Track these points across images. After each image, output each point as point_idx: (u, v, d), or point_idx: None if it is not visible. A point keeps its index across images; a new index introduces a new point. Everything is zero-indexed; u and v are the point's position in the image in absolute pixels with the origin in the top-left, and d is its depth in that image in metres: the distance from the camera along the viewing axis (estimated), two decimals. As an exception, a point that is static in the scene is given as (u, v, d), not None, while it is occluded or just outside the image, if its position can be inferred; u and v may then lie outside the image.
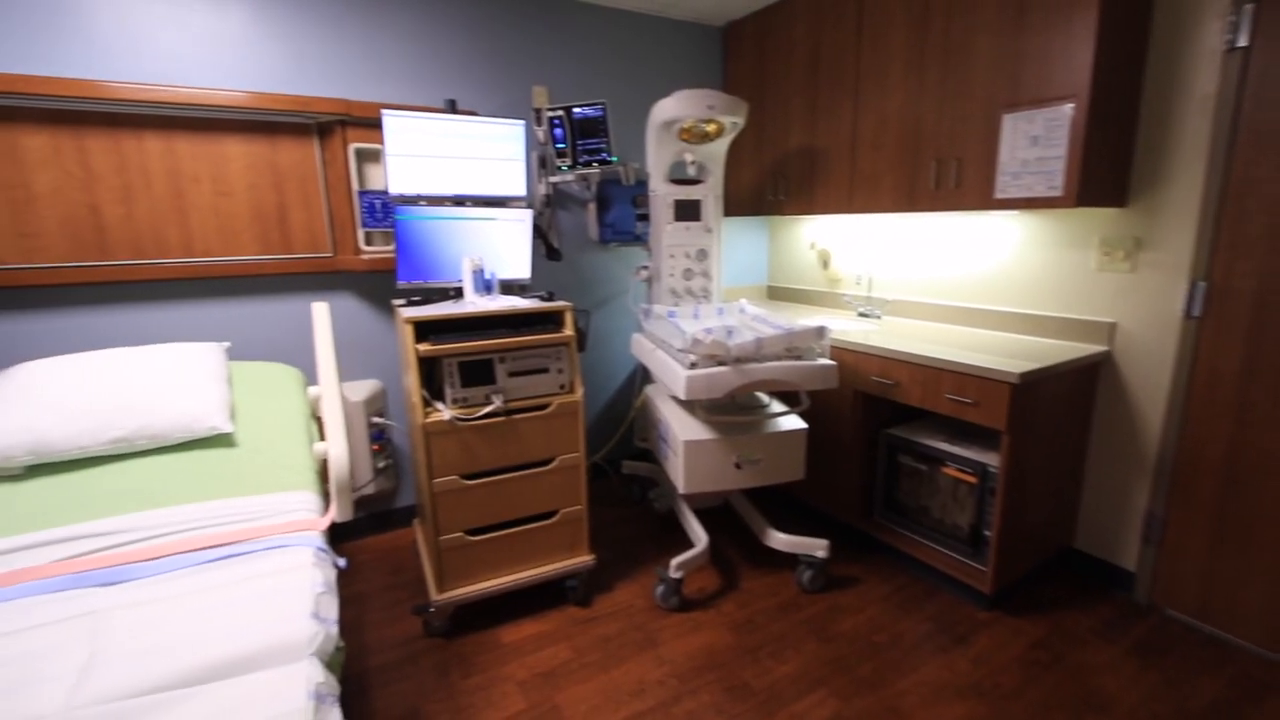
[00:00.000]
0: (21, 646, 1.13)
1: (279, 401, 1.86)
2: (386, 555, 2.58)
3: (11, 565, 1.30)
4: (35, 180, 2.00)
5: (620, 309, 3.22)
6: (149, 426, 1.57)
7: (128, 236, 2.14)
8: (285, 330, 2.46)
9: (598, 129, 2.66)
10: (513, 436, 2.01)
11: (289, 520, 1.52)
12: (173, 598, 1.26)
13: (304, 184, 2.39)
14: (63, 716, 0.99)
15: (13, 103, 1.93)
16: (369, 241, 2.50)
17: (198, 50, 2.18)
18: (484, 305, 2.09)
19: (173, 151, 2.17)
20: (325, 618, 1.25)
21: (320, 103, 2.31)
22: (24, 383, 1.59)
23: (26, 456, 1.46)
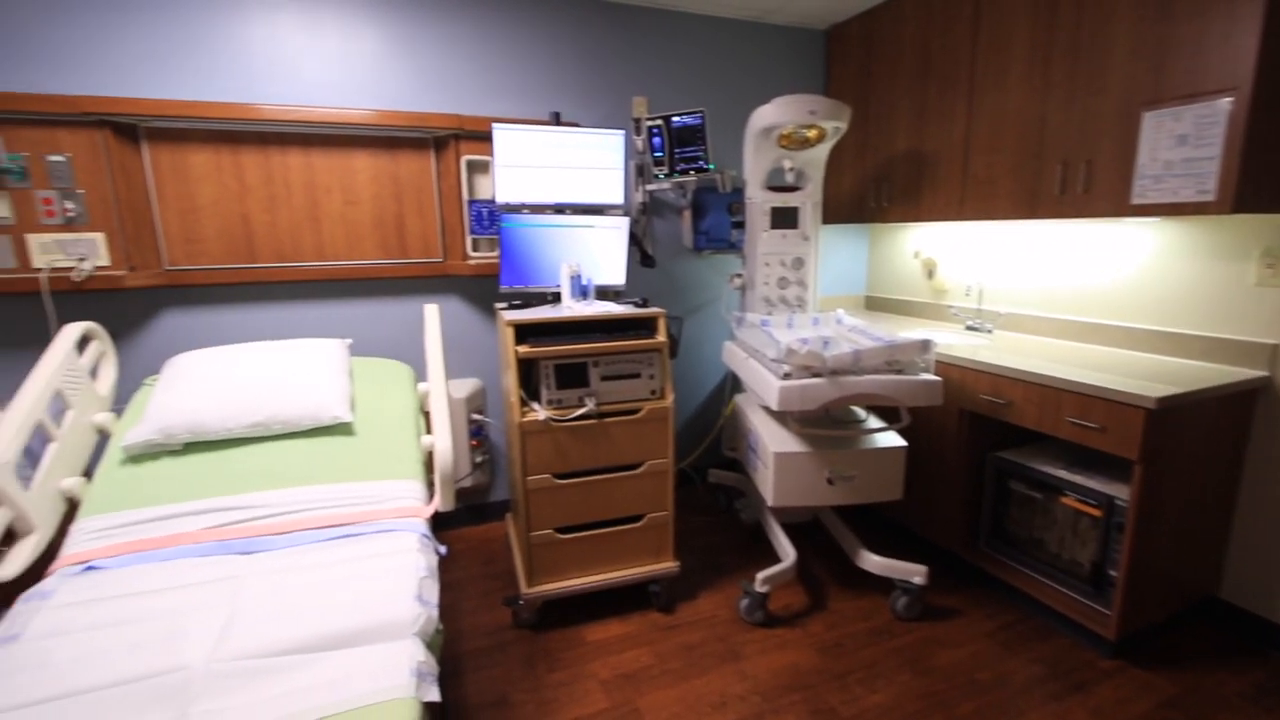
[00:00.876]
0: (175, 601, 1.28)
1: (392, 396, 2.00)
2: (480, 546, 2.70)
3: (170, 529, 1.48)
4: (199, 193, 2.28)
5: (712, 316, 3.20)
6: (282, 413, 1.74)
7: (271, 242, 2.39)
8: (398, 329, 2.65)
9: (695, 137, 2.67)
10: (604, 439, 2.06)
11: (397, 506, 1.63)
12: (297, 570, 1.38)
13: (420, 194, 2.56)
14: (206, 667, 1.12)
15: (184, 125, 2.22)
16: (475, 247, 2.64)
17: (332, 73, 2.40)
18: (580, 310, 2.15)
19: (310, 165, 2.40)
20: (427, 601, 1.33)
21: (437, 118, 2.47)
22: (185, 371, 1.81)
23: (186, 435, 1.66)
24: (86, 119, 2.06)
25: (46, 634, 1.19)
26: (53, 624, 1.21)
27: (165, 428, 1.65)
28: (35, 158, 2.04)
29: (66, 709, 1.03)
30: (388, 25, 2.44)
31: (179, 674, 1.10)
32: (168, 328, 2.34)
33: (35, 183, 2.05)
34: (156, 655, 1.14)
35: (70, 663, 1.12)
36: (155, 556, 1.41)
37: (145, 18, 2.15)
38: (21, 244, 2.06)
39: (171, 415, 1.67)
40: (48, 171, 2.06)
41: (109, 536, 1.46)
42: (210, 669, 1.11)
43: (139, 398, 1.84)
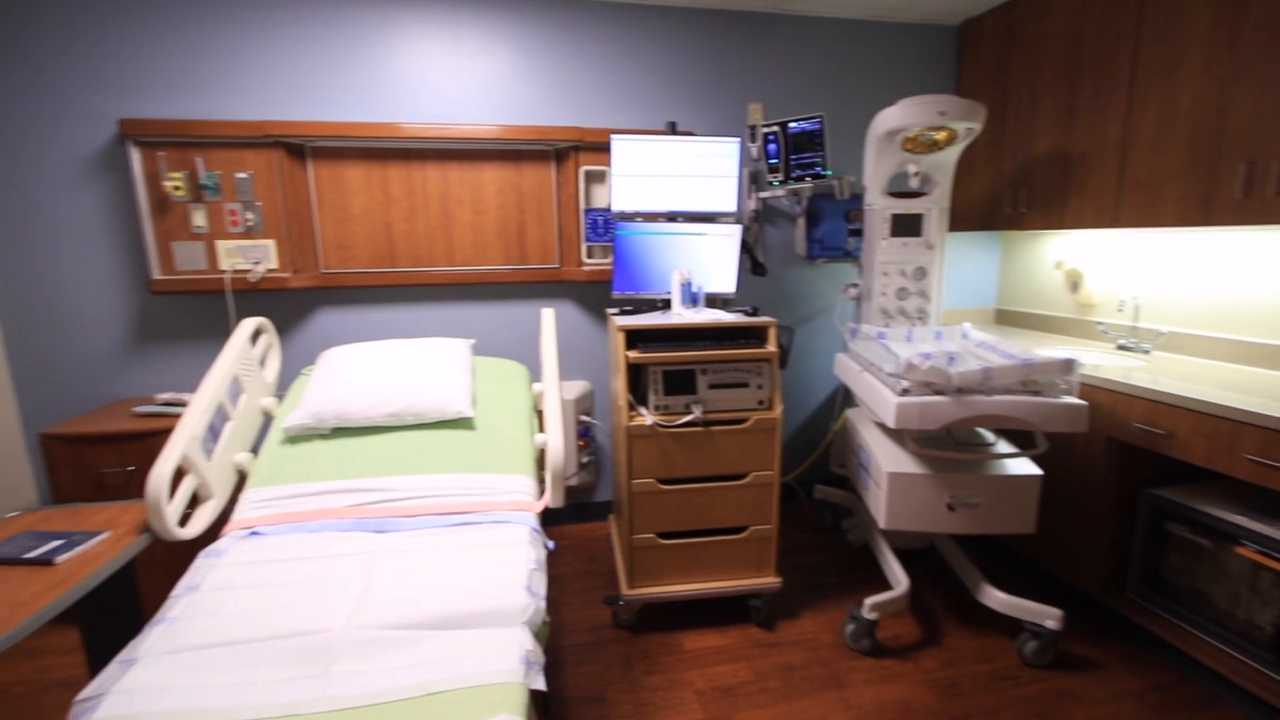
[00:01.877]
0: (320, 569, 1.43)
1: (509, 394, 2.11)
2: (583, 544, 2.78)
3: (319, 505, 1.66)
4: (352, 204, 2.54)
5: (824, 327, 3.10)
6: (414, 406, 1.89)
7: (409, 248, 2.61)
8: (516, 331, 2.80)
9: (813, 143, 2.60)
10: (709, 447, 2.05)
11: (511, 500, 1.72)
12: (422, 551, 1.49)
13: (540, 203, 2.69)
14: (343, 632, 1.23)
15: (342, 144, 2.48)
16: (590, 254, 2.73)
17: (468, 92, 2.59)
18: (690, 317, 2.16)
19: (445, 178, 2.59)
20: (536, 592, 1.39)
21: (559, 131, 2.59)
22: (334, 364, 2.02)
23: (334, 421, 1.85)
24: (266, 140, 2.37)
25: (219, 587, 1.37)
26: (225, 579, 1.39)
27: (317, 413, 1.85)
28: (226, 175, 2.37)
29: (235, 654, 1.18)
30: (520, 43, 2.60)
31: (322, 635, 1.22)
32: (321, 324, 2.63)
33: (225, 196, 2.38)
34: (304, 616, 1.27)
35: (237, 614, 1.28)
36: (306, 528, 1.58)
37: (311, 49, 2.44)
38: (212, 249, 2.40)
39: (322, 403, 1.86)
40: (234, 187, 2.38)
41: (269, 507, 1.66)
42: (348, 634, 1.23)
43: (297, 385, 2.08)
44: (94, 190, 2.37)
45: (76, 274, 2.41)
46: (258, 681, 1.13)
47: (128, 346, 2.50)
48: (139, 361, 2.51)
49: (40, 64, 2.28)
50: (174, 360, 2.53)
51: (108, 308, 2.46)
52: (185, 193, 2.34)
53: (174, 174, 2.32)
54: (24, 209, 2.34)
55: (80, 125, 2.33)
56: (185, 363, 2.54)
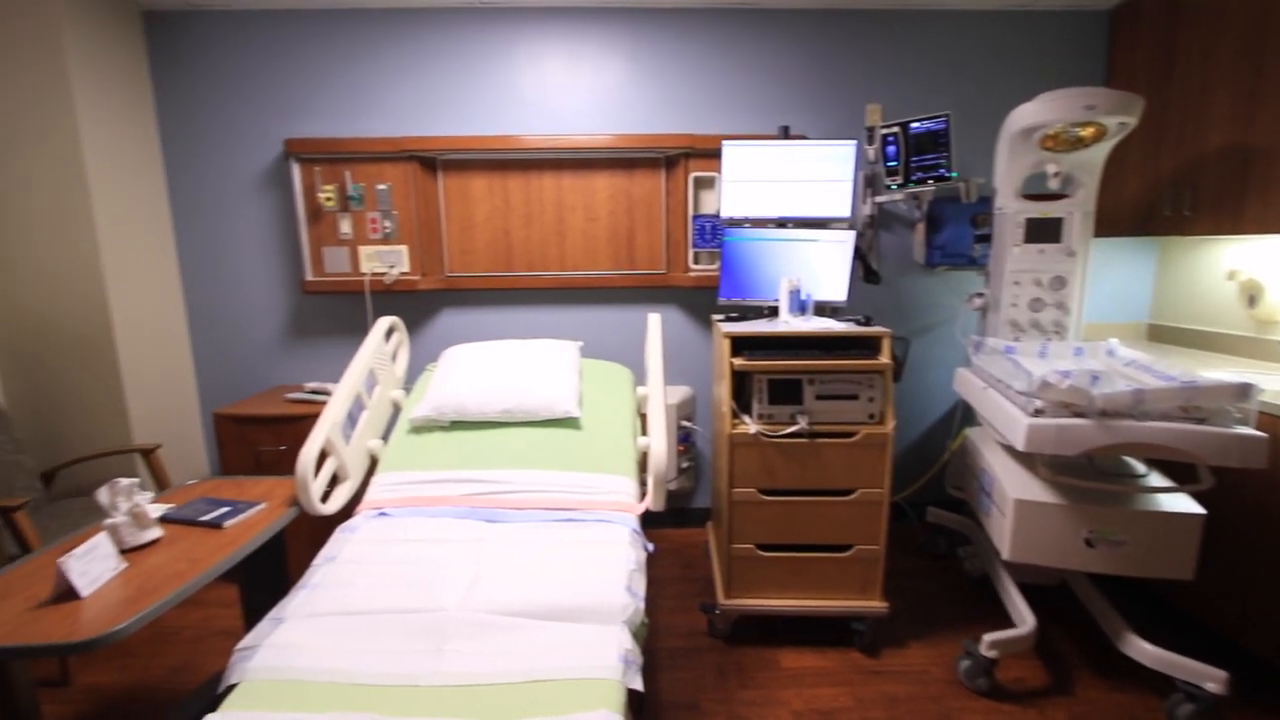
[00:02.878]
0: (438, 552, 1.53)
1: (614, 396, 2.16)
2: (680, 549, 2.78)
3: (438, 492, 1.78)
4: (475, 212, 2.71)
5: (943, 339, 2.91)
6: (524, 404, 1.99)
7: (525, 254, 2.75)
8: (621, 334, 2.86)
9: (937, 143, 2.45)
10: (814, 460, 1.98)
11: (613, 500, 1.76)
12: (529, 543, 1.56)
13: (650, 210, 2.74)
14: (456, 613, 1.31)
15: (468, 157, 2.66)
16: (696, 260, 2.74)
17: (584, 104, 2.69)
18: (797, 325, 2.11)
19: (560, 186, 2.71)
20: (636, 593, 1.41)
21: (670, 138, 2.62)
22: (454, 362, 2.16)
23: (453, 415, 1.99)
24: (403, 155, 2.59)
25: (352, 560, 1.51)
26: (357, 553, 1.53)
27: (438, 407, 1.99)
28: (368, 187, 2.61)
29: (363, 623, 1.30)
30: (634, 53, 2.67)
31: (438, 614, 1.31)
32: (445, 323, 2.83)
33: (367, 206, 2.63)
34: (422, 594, 1.37)
35: (366, 586, 1.40)
36: (426, 512, 1.70)
37: (445, 69, 2.64)
38: (355, 254, 2.66)
39: (443, 397, 2.00)
40: (375, 198, 2.62)
41: (396, 490, 1.80)
42: (460, 615, 1.31)
43: (422, 380, 2.25)
44: (263, 202, 2.71)
45: (246, 275, 2.76)
46: (380, 650, 1.24)
47: (283, 339, 2.82)
48: (291, 353, 2.83)
49: (227, 95, 2.63)
50: (320, 353, 2.83)
51: (269, 305, 2.79)
52: (335, 203, 2.61)
53: (326, 186, 2.59)
54: (210, 218, 2.72)
55: (255, 145, 2.67)
56: (329, 355, 2.83)
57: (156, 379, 2.60)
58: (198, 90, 2.63)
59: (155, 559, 1.34)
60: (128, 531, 1.38)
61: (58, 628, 1.11)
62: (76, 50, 2.26)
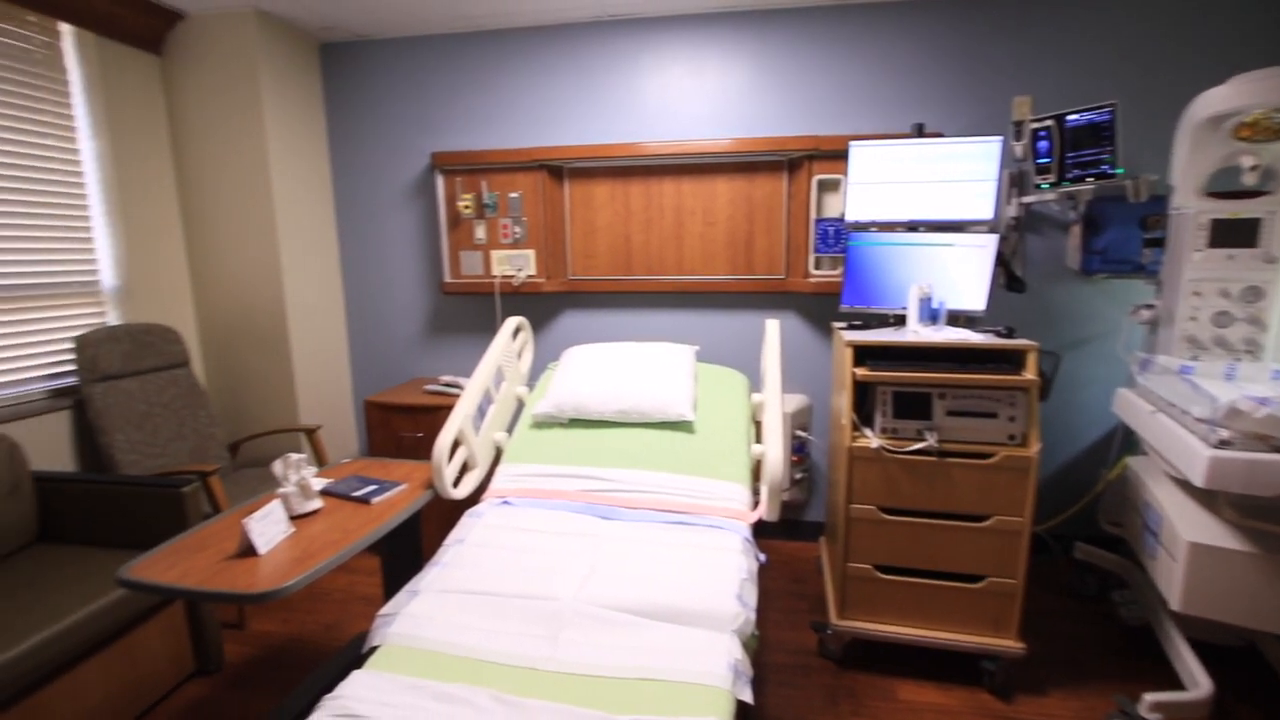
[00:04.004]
0: (555, 543, 1.60)
1: (728, 401, 2.14)
2: (790, 563, 2.70)
3: (556, 486, 1.86)
4: (598, 217, 2.81)
5: (1100, 355, 2.60)
6: (639, 405, 2.02)
7: (644, 258, 2.80)
8: (736, 340, 2.84)
9: (1099, 137, 2.20)
10: (943, 480, 1.85)
11: (724, 506, 1.75)
12: (641, 542, 1.59)
13: (770, 214, 2.69)
14: (571, 604, 1.36)
15: (592, 164, 2.76)
16: (817, 266, 2.66)
17: (707, 109, 2.70)
18: (927, 335, 1.98)
19: (680, 191, 2.73)
20: (747, 603, 1.39)
21: (794, 141, 2.56)
22: (574, 362, 2.25)
23: (571, 412, 2.07)
24: (533, 164, 2.73)
25: (479, 543, 1.61)
26: (483, 537, 1.64)
27: (558, 404, 2.08)
28: (502, 195, 2.79)
29: (486, 603, 1.38)
30: (758, 56, 2.64)
31: (554, 603, 1.37)
32: (566, 324, 2.95)
33: (500, 213, 2.81)
34: (540, 582, 1.43)
35: (490, 569, 1.49)
36: (545, 504, 1.79)
37: (573, 81, 2.76)
38: (487, 258, 2.85)
39: (563, 395, 2.09)
40: (507, 205, 2.79)
41: (518, 481, 1.90)
42: (575, 606, 1.36)
43: (544, 378, 2.36)
44: (410, 210, 2.98)
45: (394, 277, 3.05)
46: (501, 631, 1.31)
47: (423, 336, 3.08)
48: (429, 348, 3.08)
49: (384, 114, 2.93)
50: (453, 348, 3.06)
51: (412, 304, 3.06)
52: (472, 210, 2.81)
53: (465, 195, 2.80)
54: (366, 226, 3.04)
55: (405, 159, 2.94)
56: (461, 351, 3.05)
57: (319, 368, 2.94)
58: (360, 111, 2.95)
59: (316, 527, 1.51)
60: (296, 501, 1.57)
61: (240, 579, 1.28)
62: (269, 82, 2.61)
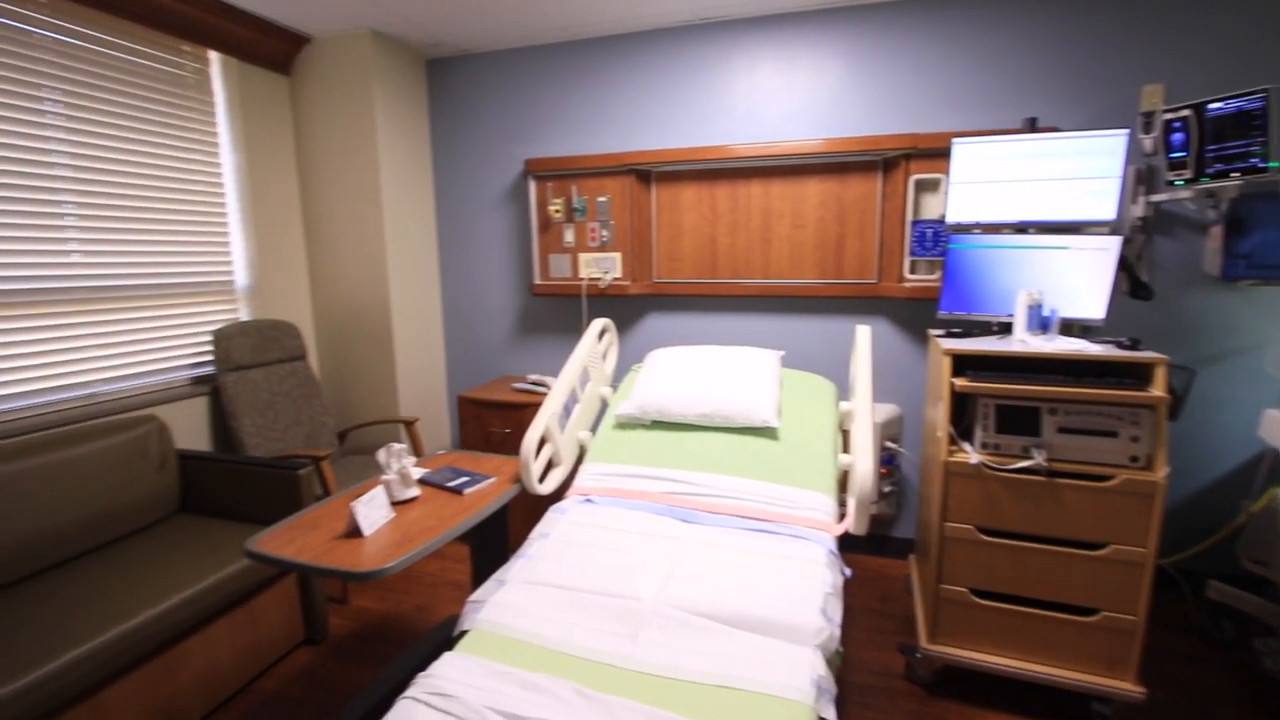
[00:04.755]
0: (636, 543, 1.61)
1: (814, 409, 2.09)
2: (875, 579, 2.59)
3: (637, 486, 1.88)
4: (683, 220, 2.82)
5: (1243, 371, 2.32)
6: (722, 409, 2.01)
7: (729, 261, 2.78)
8: (824, 346, 2.75)
9: (1248, 127, 1.96)
10: (1052, 503, 1.71)
11: (808, 516, 1.70)
12: (721, 548, 1.58)
13: (862, 216, 2.60)
14: (651, 604, 1.37)
15: (679, 168, 2.77)
16: (913, 270, 2.54)
17: (797, 109, 2.64)
18: (1037, 345, 1.84)
19: (767, 194, 2.69)
20: (831, 618, 1.35)
21: (889, 140, 2.46)
22: (658, 364, 2.26)
23: (654, 414, 2.08)
24: (621, 169, 2.78)
25: (562, 539, 1.66)
26: (567, 533, 1.68)
27: (642, 406, 2.10)
28: (590, 200, 2.86)
29: (569, 597, 1.42)
30: (852, 54, 2.55)
31: (634, 602, 1.39)
32: (650, 327, 2.98)
33: (588, 217, 2.87)
34: (620, 580, 1.46)
35: (573, 564, 1.53)
36: (626, 504, 1.81)
37: (661, 85, 2.78)
38: (575, 261, 2.93)
39: (646, 397, 2.11)
40: (596, 209, 2.85)
41: (601, 480, 1.94)
42: (655, 607, 1.37)
43: (627, 379, 2.39)
44: (504, 215, 3.11)
45: (488, 278, 3.19)
46: (582, 625, 1.34)
47: (512, 335, 3.20)
48: (518, 347, 3.20)
49: (482, 123, 3.07)
50: (541, 348, 3.16)
51: (504, 304, 3.19)
52: (562, 214, 2.89)
53: (556, 200, 2.89)
54: (463, 230, 3.20)
55: (502, 166, 3.07)
56: (548, 350, 3.15)
57: (418, 364, 3.12)
58: (460, 121, 3.11)
59: (414, 513, 1.61)
60: (396, 488, 1.67)
61: (347, 558, 1.39)
62: (381, 97, 2.81)
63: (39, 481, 1.85)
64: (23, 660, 1.44)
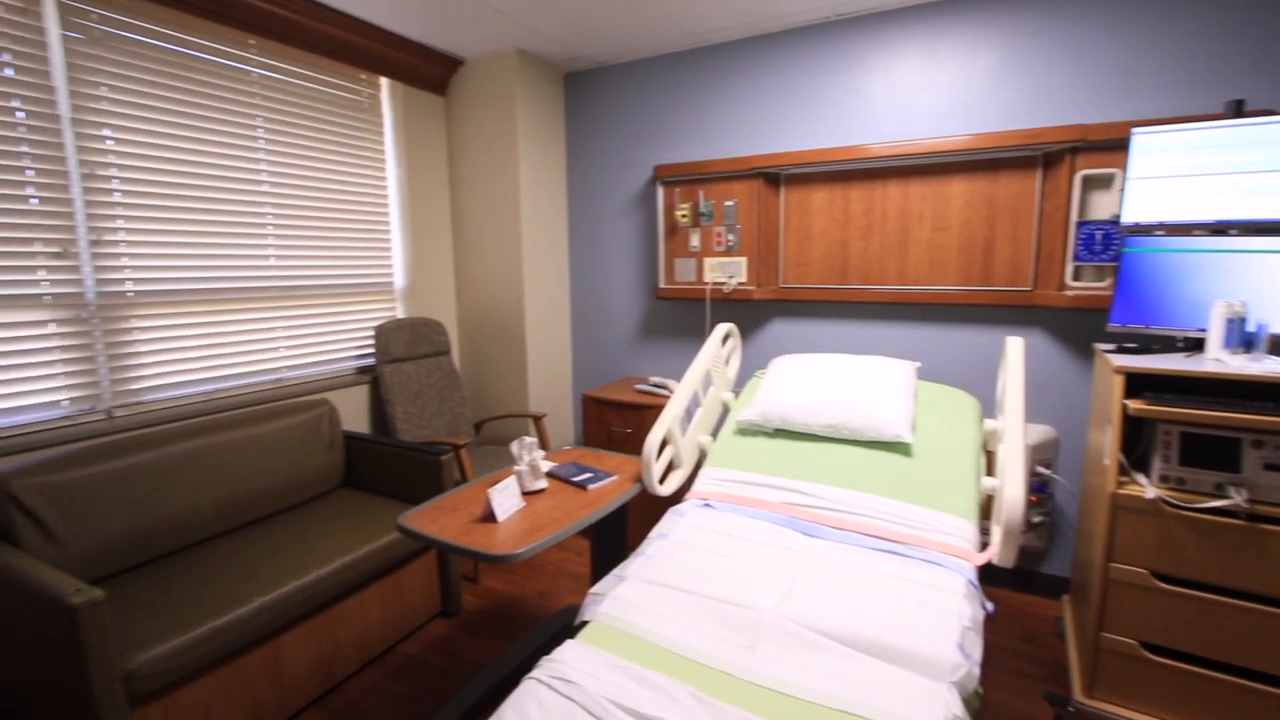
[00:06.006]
0: (754, 552, 1.58)
1: (954, 426, 1.93)
2: (1019, 618, 2.35)
3: (757, 495, 1.85)
4: (813, 224, 2.73)
5: None
6: (850, 421, 1.92)
7: (860, 266, 2.65)
8: (965, 358, 2.54)
9: None
10: (1255, 552, 1.46)
11: (944, 541, 1.58)
12: (846, 566, 1.51)
13: (1016, 217, 2.37)
14: (770, 617, 1.34)
15: (810, 170, 2.68)
16: (1076, 276, 2.27)
17: (942, 104, 2.46)
18: (1238, 366, 1.57)
19: (906, 194, 2.53)
20: (969, 654, 1.24)
21: (1052, 132, 2.22)
22: (783, 371, 2.20)
23: (777, 422, 2.03)
24: (749, 172, 2.75)
25: (680, 541, 1.67)
26: (685, 535, 1.69)
27: (765, 413, 2.06)
28: (717, 204, 2.85)
29: (686, 599, 1.42)
30: (1005, 43, 2.34)
31: (752, 612, 1.36)
32: (774, 333, 2.92)
33: (714, 221, 2.87)
34: (737, 589, 1.44)
35: (690, 567, 1.53)
36: (745, 511, 1.78)
37: (792, 87, 2.71)
38: (700, 265, 2.93)
39: (770, 404, 2.06)
40: (722, 213, 2.85)
41: (720, 485, 1.93)
42: (774, 620, 1.33)
43: (750, 386, 2.36)
44: (632, 220, 3.19)
45: (613, 281, 3.29)
46: (699, 630, 1.34)
47: (635, 337, 3.28)
48: (641, 349, 3.27)
49: (613, 131, 3.18)
50: (663, 350, 3.21)
51: (628, 307, 3.27)
52: (688, 219, 2.92)
53: (683, 205, 2.92)
54: (592, 234, 3.32)
55: (632, 172, 3.16)
56: (670, 353, 3.19)
57: (547, 362, 3.29)
58: (593, 130, 3.24)
59: (542, 504, 1.70)
60: (527, 478, 1.77)
61: (482, 540, 1.49)
62: (524, 111, 2.99)
63: (239, 452, 2.17)
64: (224, 600, 1.70)
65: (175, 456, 2.00)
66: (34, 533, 1.68)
